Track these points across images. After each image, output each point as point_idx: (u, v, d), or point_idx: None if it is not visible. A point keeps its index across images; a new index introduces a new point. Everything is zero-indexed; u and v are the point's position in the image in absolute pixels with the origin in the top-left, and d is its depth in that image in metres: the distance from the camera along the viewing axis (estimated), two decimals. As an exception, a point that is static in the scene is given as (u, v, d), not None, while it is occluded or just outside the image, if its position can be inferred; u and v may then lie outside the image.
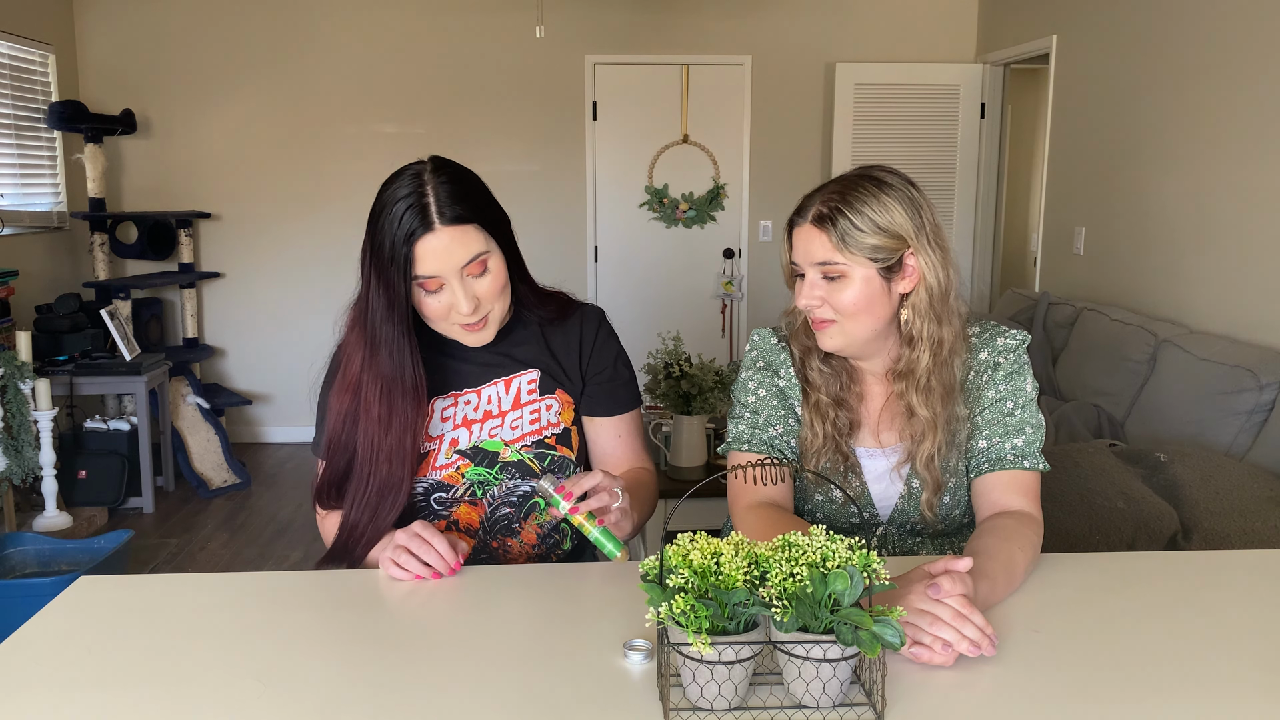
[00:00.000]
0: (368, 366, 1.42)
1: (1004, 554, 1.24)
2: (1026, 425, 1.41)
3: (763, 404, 1.49)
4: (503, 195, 1.49)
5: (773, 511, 1.40)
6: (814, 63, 5.35)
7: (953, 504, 1.46)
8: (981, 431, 1.42)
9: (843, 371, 1.47)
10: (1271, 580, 1.30)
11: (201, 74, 5.16)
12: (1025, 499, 1.38)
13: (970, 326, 1.46)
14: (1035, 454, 1.40)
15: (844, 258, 1.34)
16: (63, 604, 1.24)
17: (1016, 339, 1.45)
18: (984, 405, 1.43)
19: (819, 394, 1.45)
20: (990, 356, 1.44)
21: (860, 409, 1.48)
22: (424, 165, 1.40)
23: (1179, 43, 3.52)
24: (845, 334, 1.38)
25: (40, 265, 4.65)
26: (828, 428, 1.44)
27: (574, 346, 1.55)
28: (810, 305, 1.38)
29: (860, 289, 1.34)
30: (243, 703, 0.99)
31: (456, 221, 1.35)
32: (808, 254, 1.36)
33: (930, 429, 1.39)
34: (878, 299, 1.36)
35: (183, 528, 4.09)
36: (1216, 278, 3.30)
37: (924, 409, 1.39)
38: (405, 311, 1.39)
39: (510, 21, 5.18)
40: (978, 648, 1.04)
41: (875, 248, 1.33)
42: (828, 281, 1.36)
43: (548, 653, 1.11)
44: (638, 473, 1.57)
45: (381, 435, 1.42)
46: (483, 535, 1.52)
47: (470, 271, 1.38)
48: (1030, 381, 1.43)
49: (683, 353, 3.23)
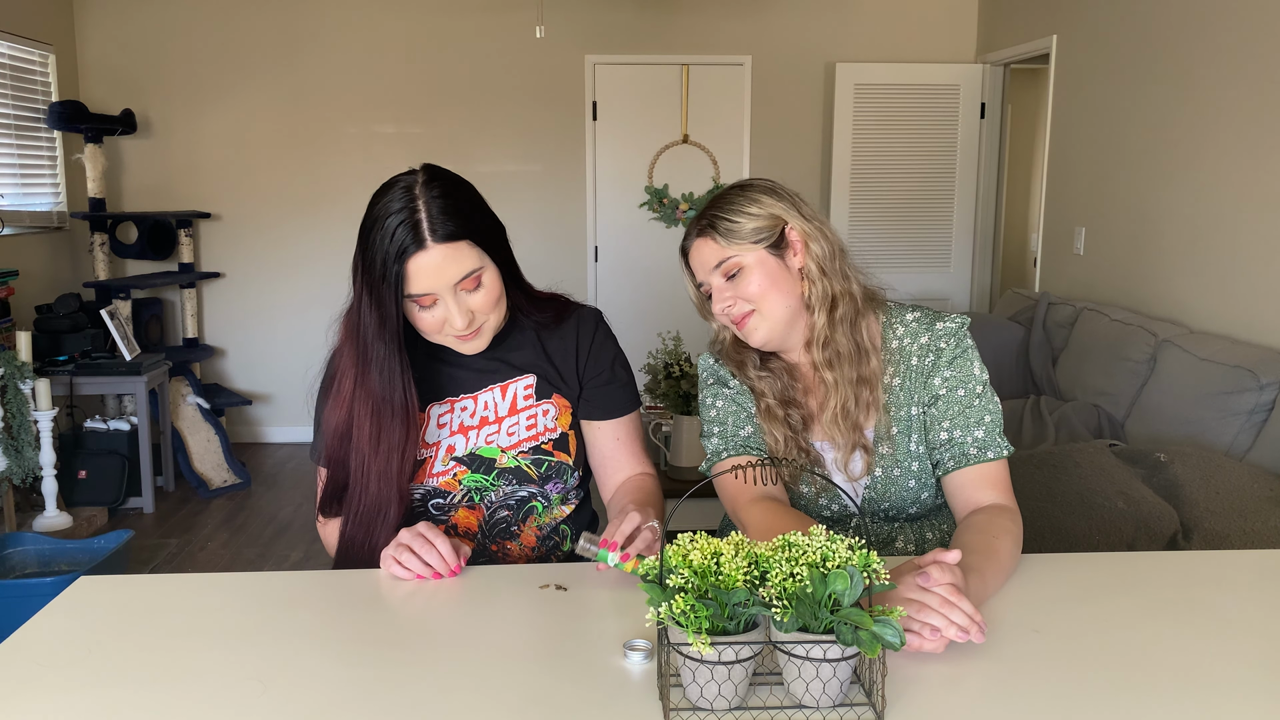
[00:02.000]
0: (360, 383, 1.41)
1: (986, 547, 1.26)
2: (985, 414, 1.43)
3: (724, 413, 1.53)
4: (503, 195, 1.49)
5: (775, 505, 1.41)
6: (814, 63, 5.35)
7: (920, 487, 1.48)
8: (940, 422, 1.45)
9: (782, 372, 1.52)
10: (1271, 580, 1.30)
11: (201, 74, 5.16)
12: (996, 491, 1.41)
13: (912, 311, 1.51)
14: (998, 441, 1.43)
15: (733, 249, 1.43)
16: (63, 604, 1.24)
17: (956, 322, 1.48)
18: (934, 393, 1.46)
19: (766, 399, 1.50)
20: (931, 340, 1.47)
21: (809, 403, 1.52)
22: (415, 178, 1.36)
23: (1179, 43, 3.52)
24: (766, 319, 1.44)
25: (40, 265, 4.65)
26: (784, 429, 1.48)
27: (571, 350, 1.54)
28: (725, 308, 1.46)
29: (760, 272, 1.43)
30: (243, 703, 0.99)
31: (449, 239, 1.33)
32: (703, 264, 1.46)
33: (832, 389, 1.45)
34: (779, 276, 1.44)
35: (183, 528, 4.09)
36: (1216, 278, 3.30)
37: (827, 371, 1.45)
38: (397, 329, 1.37)
39: (510, 21, 5.18)
40: (966, 634, 1.05)
41: (755, 230, 1.43)
42: (731, 281, 1.44)
43: (548, 653, 1.11)
44: (641, 480, 1.56)
45: (371, 455, 1.41)
46: (481, 539, 1.52)
47: (464, 287, 1.36)
48: (978, 365, 1.46)
49: (683, 353, 3.23)
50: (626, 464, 1.57)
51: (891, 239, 5.34)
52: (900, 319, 1.50)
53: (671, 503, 2.81)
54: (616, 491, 1.55)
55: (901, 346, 1.48)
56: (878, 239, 5.32)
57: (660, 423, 3.35)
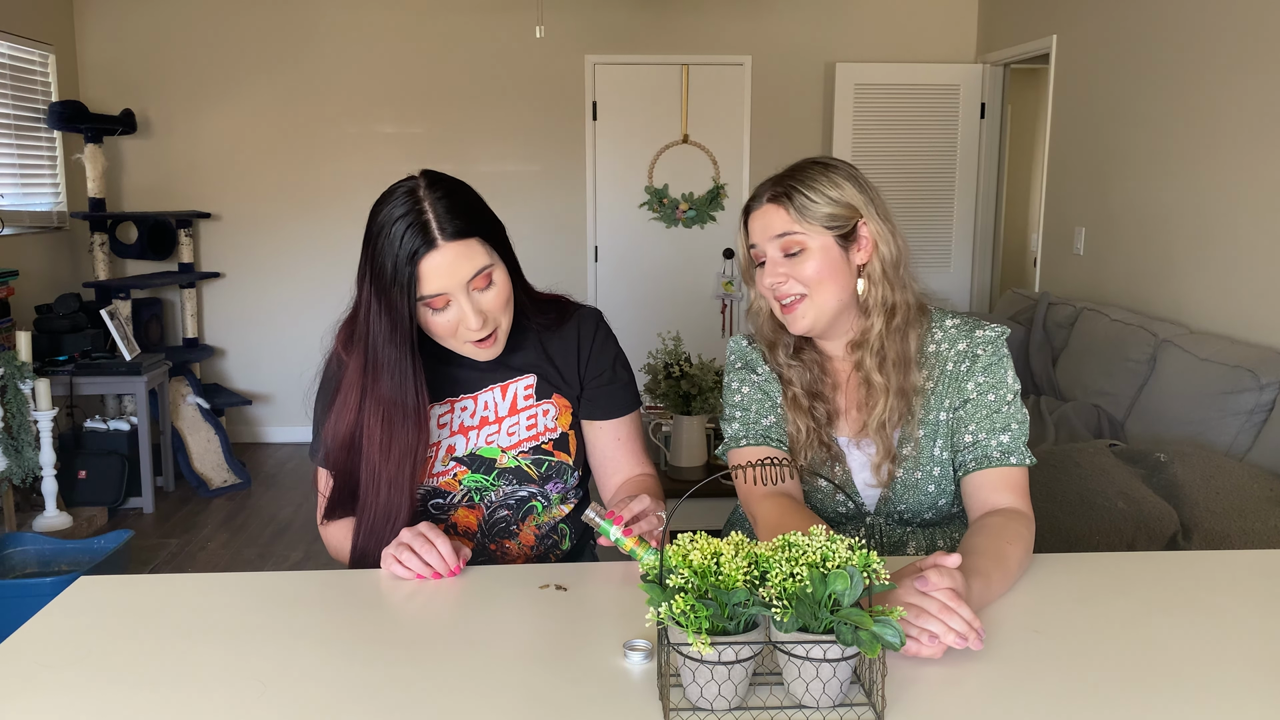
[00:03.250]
0: (369, 393, 1.40)
1: (996, 551, 1.26)
2: (1012, 421, 1.43)
3: (749, 399, 1.52)
4: (503, 195, 1.48)
5: (787, 502, 1.41)
6: (814, 63, 5.35)
7: (938, 493, 1.48)
8: (967, 425, 1.44)
9: (813, 364, 1.50)
10: (1271, 580, 1.30)
11: (201, 74, 5.16)
12: (1014, 495, 1.40)
13: (952, 318, 1.50)
14: (1021, 449, 1.42)
15: (802, 228, 1.40)
16: (63, 604, 1.24)
17: (995, 330, 1.47)
18: (965, 397, 1.45)
19: (794, 388, 1.49)
20: (969, 347, 1.46)
21: (836, 399, 1.51)
22: (417, 181, 1.36)
23: (1179, 43, 3.52)
24: (815, 307, 1.42)
25: (40, 265, 4.65)
26: (809, 420, 1.47)
27: (571, 350, 1.54)
28: (775, 284, 1.42)
29: (821, 259, 1.40)
30: (243, 703, 0.99)
31: (459, 236, 1.33)
32: (767, 229, 1.42)
33: (883, 393, 1.43)
34: (839, 268, 1.41)
35: (183, 528, 4.09)
36: (1216, 278, 3.30)
37: (877, 374, 1.44)
38: (409, 333, 1.37)
39: (510, 21, 5.18)
40: (964, 640, 1.04)
41: (830, 216, 1.40)
42: (789, 259, 1.41)
43: (548, 653, 1.11)
44: (642, 480, 1.56)
45: (381, 462, 1.40)
46: (481, 538, 1.52)
47: (476, 285, 1.36)
48: (1011, 375, 1.46)
49: (683, 353, 3.23)
50: (626, 464, 1.57)
51: (891, 239, 5.33)
52: (940, 324, 1.49)
53: (671, 502, 2.81)
54: (616, 492, 1.55)
55: (939, 351, 1.47)
56: (878, 239, 5.31)
57: (660, 423, 3.35)
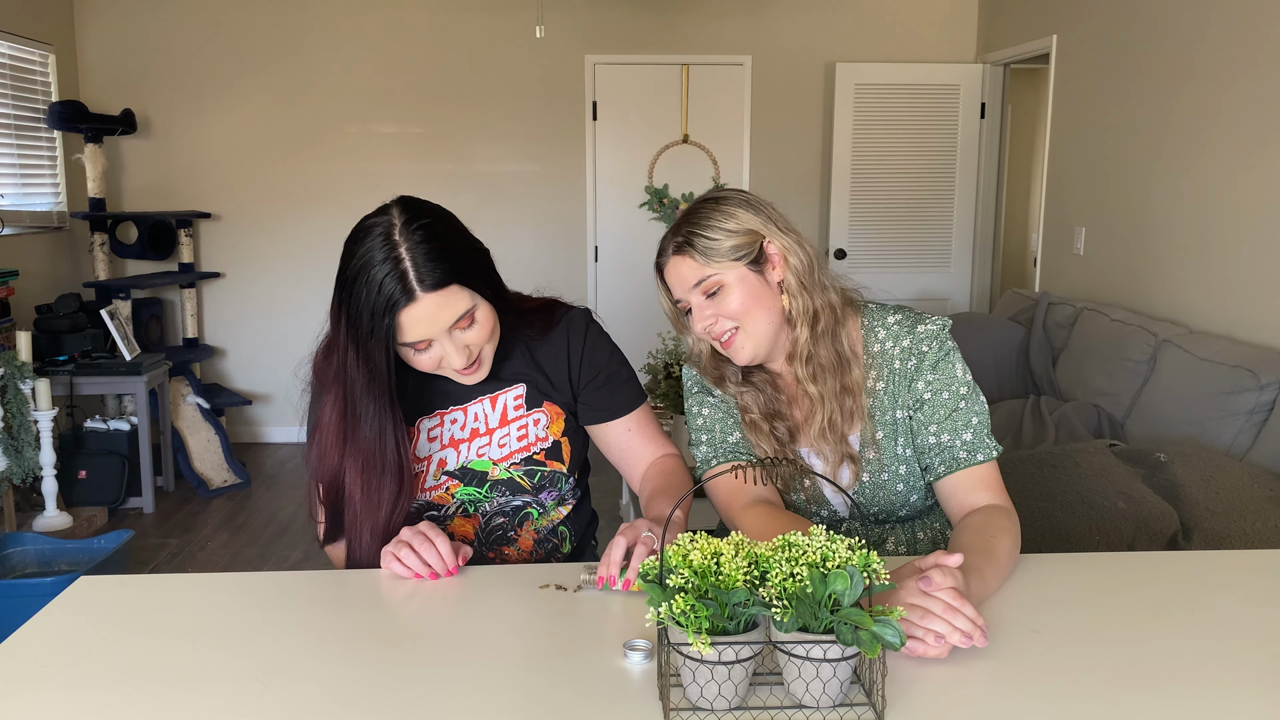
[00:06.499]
0: (349, 438, 1.36)
1: (985, 547, 1.26)
2: (971, 415, 1.42)
3: (712, 420, 1.52)
4: (502, 195, 1.48)
5: (770, 509, 1.41)
6: (814, 63, 5.35)
7: (908, 490, 1.48)
8: (927, 426, 1.44)
9: (765, 385, 1.50)
10: (1271, 580, 1.30)
11: (201, 74, 5.16)
12: (990, 492, 1.40)
13: (893, 313, 1.49)
14: (986, 443, 1.42)
15: (713, 268, 1.40)
16: (63, 604, 1.24)
17: (937, 324, 1.47)
18: (918, 397, 1.44)
19: (751, 414, 1.49)
20: (913, 344, 1.45)
21: (794, 414, 1.50)
22: (393, 221, 1.29)
23: (1179, 43, 3.52)
24: (751, 336, 1.42)
25: (40, 265, 4.65)
26: (771, 441, 1.47)
27: (561, 355, 1.51)
28: (707, 326, 1.43)
29: (740, 290, 1.40)
30: (243, 703, 0.99)
31: (438, 286, 1.27)
32: (682, 281, 1.43)
33: (819, 401, 1.44)
34: (760, 293, 1.41)
35: (183, 528, 4.09)
36: (1216, 278, 3.30)
37: (811, 385, 1.44)
38: (388, 383, 1.33)
39: (510, 21, 5.18)
40: (969, 639, 1.05)
41: (734, 248, 1.40)
42: (711, 299, 1.42)
43: (548, 653, 1.11)
44: (664, 462, 1.53)
45: (363, 508, 1.38)
46: (479, 547, 1.51)
47: (459, 327, 1.33)
48: (961, 367, 1.45)
49: (683, 353, 3.23)
50: (646, 451, 1.55)
51: (891, 239, 5.34)
52: (881, 322, 1.48)
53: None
54: (642, 480, 1.53)
55: (884, 350, 1.47)
56: (878, 239, 5.32)
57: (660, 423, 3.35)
